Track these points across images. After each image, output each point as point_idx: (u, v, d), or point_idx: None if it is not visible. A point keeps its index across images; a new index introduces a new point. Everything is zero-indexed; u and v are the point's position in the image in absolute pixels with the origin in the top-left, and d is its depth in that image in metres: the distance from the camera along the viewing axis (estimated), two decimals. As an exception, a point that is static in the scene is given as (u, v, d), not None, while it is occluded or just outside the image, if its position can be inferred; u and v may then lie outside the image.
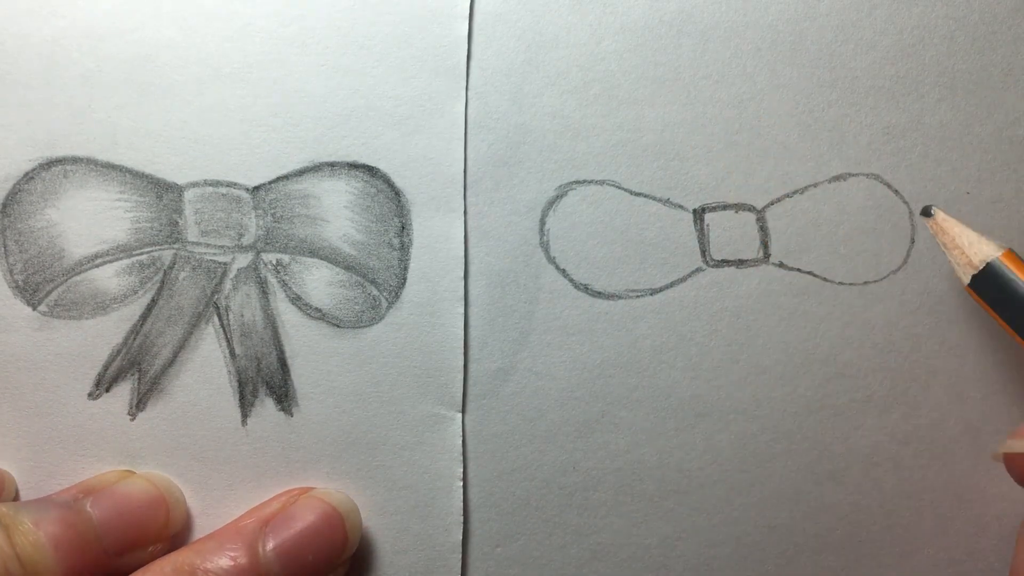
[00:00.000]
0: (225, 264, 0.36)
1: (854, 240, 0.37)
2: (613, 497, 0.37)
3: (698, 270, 0.37)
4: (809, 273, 0.37)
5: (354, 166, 0.36)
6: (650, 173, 0.37)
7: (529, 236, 0.37)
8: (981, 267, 0.34)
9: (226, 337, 0.36)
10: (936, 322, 0.37)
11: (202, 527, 0.36)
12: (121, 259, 0.36)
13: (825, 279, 0.37)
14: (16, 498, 0.36)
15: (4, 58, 0.36)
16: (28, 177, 0.36)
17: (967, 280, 0.34)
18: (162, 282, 0.36)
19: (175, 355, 0.36)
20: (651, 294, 0.37)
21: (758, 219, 0.37)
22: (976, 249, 0.34)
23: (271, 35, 0.36)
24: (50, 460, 0.36)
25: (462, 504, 0.36)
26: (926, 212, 0.36)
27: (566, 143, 0.37)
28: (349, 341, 0.36)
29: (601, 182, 0.37)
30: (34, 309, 0.36)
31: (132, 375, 0.36)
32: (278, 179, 0.36)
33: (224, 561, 0.32)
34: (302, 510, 0.34)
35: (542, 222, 0.37)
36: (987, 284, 0.34)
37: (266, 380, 0.36)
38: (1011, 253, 0.33)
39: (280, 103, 0.36)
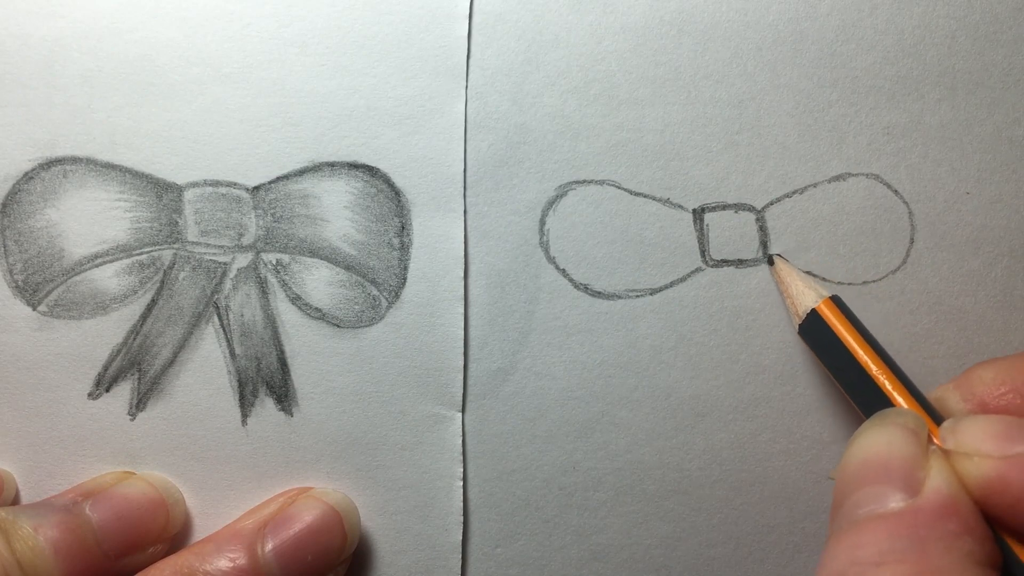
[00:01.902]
0: (225, 264, 0.36)
1: (854, 240, 0.37)
2: (613, 497, 0.37)
3: (698, 270, 0.37)
4: (808, 273, 0.37)
5: (354, 166, 0.36)
6: (650, 173, 0.37)
7: (529, 236, 0.37)
8: (804, 316, 0.34)
9: (226, 337, 0.36)
10: (935, 322, 0.37)
11: (202, 527, 0.36)
12: (121, 259, 0.36)
13: (824, 279, 0.37)
14: (16, 498, 0.36)
15: (4, 58, 0.36)
16: (28, 177, 0.36)
17: (796, 328, 0.35)
18: (162, 282, 0.36)
19: (175, 355, 0.36)
20: (651, 294, 0.37)
21: (758, 219, 0.37)
22: (801, 298, 0.34)
23: (271, 35, 0.36)
24: (50, 460, 0.36)
25: (462, 504, 0.36)
26: (770, 261, 0.36)
27: (566, 143, 0.37)
28: (349, 341, 0.36)
29: (601, 182, 0.37)
30: (34, 309, 0.36)
31: (132, 375, 0.36)
32: (278, 179, 0.36)
33: (223, 563, 0.33)
34: (300, 510, 0.34)
35: (542, 222, 0.37)
36: (812, 332, 0.34)
37: (266, 380, 0.36)
38: (831, 302, 0.34)
39: (280, 103, 0.36)
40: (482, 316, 0.37)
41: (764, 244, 0.37)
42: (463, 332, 0.37)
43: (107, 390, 0.36)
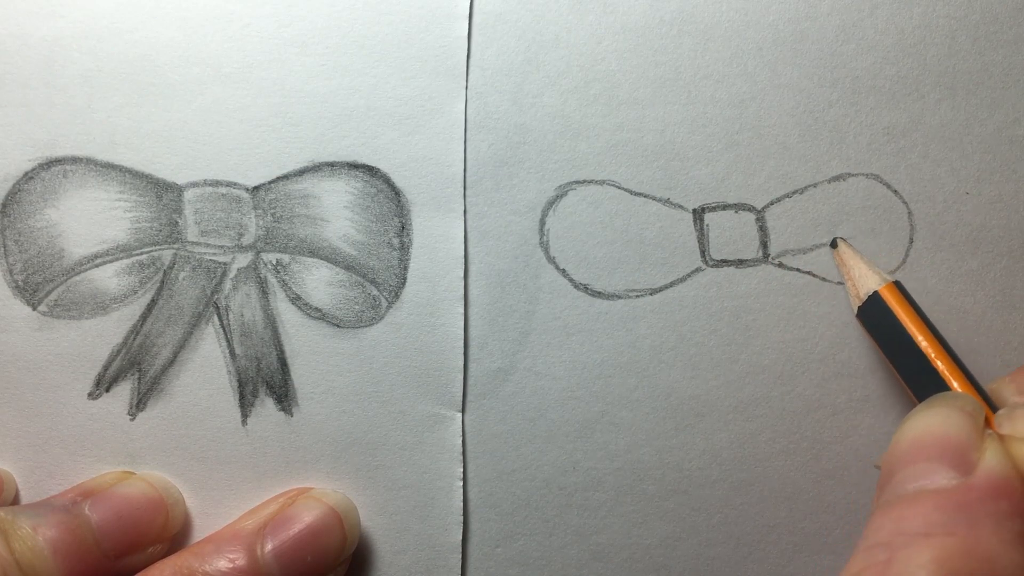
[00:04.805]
0: (225, 264, 0.36)
1: (854, 240, 0.37)
2: (613, 497, 0.37)
3: (698, 270, 0.37)
4: (808, 273, 0.37)
5: (354, 166, 0.36)
6: (650, 173, 0.37)
7: (529, 236, 0.37)
8: (865, 299, 0.34)
9: (226, 337, 0.36)
10: (935, 322, 0.37)
11: (202, 527, 0.36)
12: (121, 259, 0.36)
13: (824, 279, 0.37)
14: (16, 498, 0.36)
15: (4, 58, 0.36)
16: (28, 177, 0.36)
17: (855, 311, 0.35)
18: (162, 282, 0.36)
19: (175, 355, 0.36)
20: (651, 294, 0.37)
21: (758, 219, 0.37)
22: (863, 281, 0.35)
23: (271, 35, 0.36)
24: (50, 460, 0.36)
25: (462, 504, 0.37)
26: (833, 244, 0.36)
27: (566, 143, 0.37)
28: (349, 341, 0.36)
29: (601, 182, 0.37)
30: (34, 309, 0.36)
31: (132, 375, 0.36)
32: (278, 179, 0.36)
33: (223, 563, 0.33)
34: (300, 511, 0.34)
35: (542, 222, 0.37)
36: (871, 315, 0.34)
37: (266, 380, 0.36)
38: (893, 286, 0.34)
39: (280, 103, 0.36)
40: (482, 316, 0.37)
41: (764, 244, 0.37)
42: (463, 332, 0.37)
43: (107, 390, 0.36)
